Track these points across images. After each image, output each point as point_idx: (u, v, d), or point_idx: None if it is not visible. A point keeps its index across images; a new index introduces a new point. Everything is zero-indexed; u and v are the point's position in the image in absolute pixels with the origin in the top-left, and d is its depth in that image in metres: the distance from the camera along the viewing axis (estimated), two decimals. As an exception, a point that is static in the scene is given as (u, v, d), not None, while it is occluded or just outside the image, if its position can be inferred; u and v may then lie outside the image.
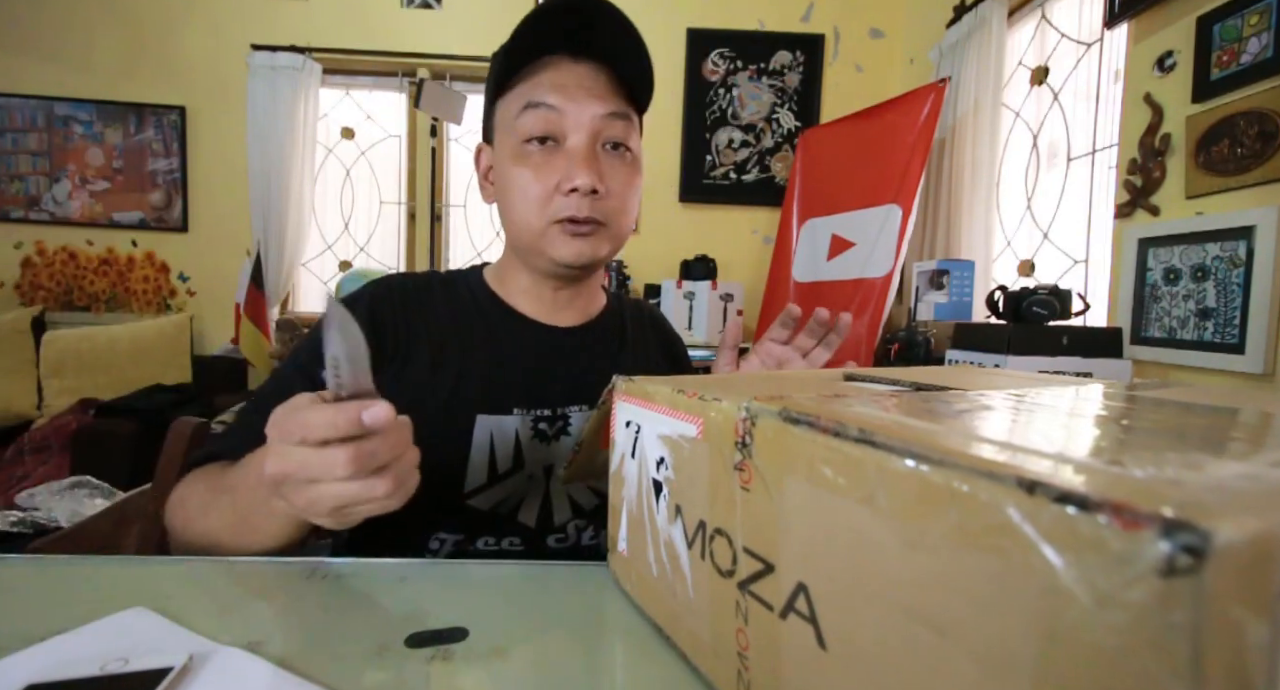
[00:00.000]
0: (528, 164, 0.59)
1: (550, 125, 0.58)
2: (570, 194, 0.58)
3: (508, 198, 0.61)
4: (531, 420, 0.62)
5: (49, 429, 2.24)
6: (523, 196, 0.59)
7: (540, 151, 0.59)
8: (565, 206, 0.58)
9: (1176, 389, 0.36)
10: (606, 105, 0.59)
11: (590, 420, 0.47)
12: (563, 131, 0.59)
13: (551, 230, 0.60)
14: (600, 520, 0.64)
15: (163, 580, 0.41)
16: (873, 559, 0.20)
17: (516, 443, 0.61)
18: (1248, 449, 0.21)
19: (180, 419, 0.79)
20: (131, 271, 2.87)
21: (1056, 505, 0.14)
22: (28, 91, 2.76)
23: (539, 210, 0.59)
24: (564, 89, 0.58)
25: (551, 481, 0.62)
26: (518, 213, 0.60)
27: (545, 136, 0.59)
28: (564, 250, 0.60)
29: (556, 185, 0.58)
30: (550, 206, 0.59)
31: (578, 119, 0.58)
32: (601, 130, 0.60)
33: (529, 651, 0.34)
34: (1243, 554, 0.12)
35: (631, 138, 0.62)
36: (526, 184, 0.59)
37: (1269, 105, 1.25)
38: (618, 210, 0.62)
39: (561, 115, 0.58)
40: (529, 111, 0.58)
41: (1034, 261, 2.05)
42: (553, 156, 0.59)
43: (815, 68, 2.86)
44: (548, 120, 0.58)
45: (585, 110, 0.59)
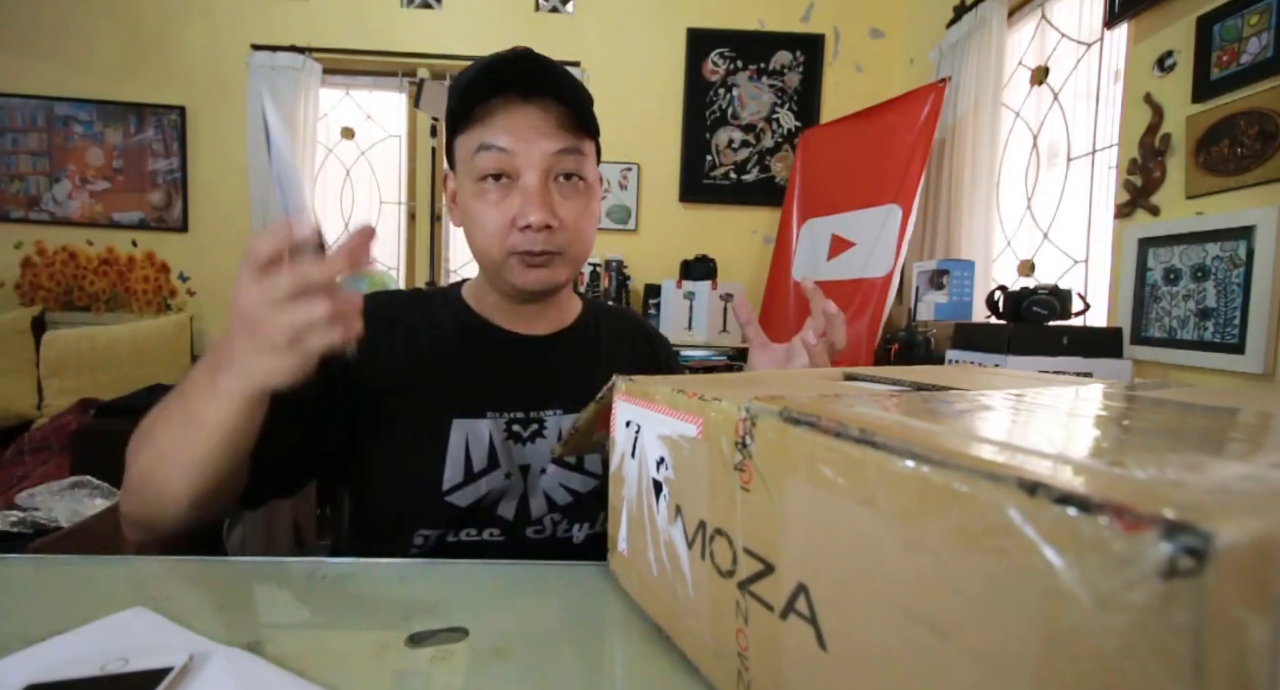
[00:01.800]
0: (485, 200, 0.63)
1: (503, 165, 0.62)
2: (524, 229, 0.62)
3: (469, 229, 0.66)
4: (505, 422, 0.66)
5: (49, 429, 2.24)
6: (482, 230, 0.63)
7: (496, 188, 0.63)
8: (521, 241, 0.62)
9: (1176, 389, 0.36)
10: (556, 142, 0.63)
11: (586, 410, 0.48)
12: (515, 169, 0.62)
13: (510, 261, 0.64)
14: (574, 515, 0.67)
15: (163, 580, 0.41)
16: (873, 560, 0.20)
17: (490, 444, 0.64)
18: (1248, 449, 0.21)
19: (180, 419, 0.79)
20: (131, 271, 2.87)
21: (1058, 507, 0.14)
22: (28, 91, 2.76)
23: (497, 243, 0.63)
24: (514, 130, 0.62)
25: (529, 479, 0.66)
26: (479, 244, 0.65)
27: (500, 174, 0.62)
28: (523, 279, 0.64)
29: (512, 220, 0.62)
30: (507, 240, 0.63)
31: (528, 158, 0.62)
32: (553, 166, 0.63)
33: (529, 651, 0.34)
34: (1244, 556, 0.12)
35: (584, 167, 0.66)
36: (485, 219, 0.63)
37: (1269, 105, 1.25)
38: (573, 239, 0.65)
39: (513, 156, 0.62)
40: (483, 153, 0.62)
41: (1034, 261, 2.05)
42: (508, 193, 0.63)
43: (815, 68, 2.86)
44: (500, 160, 0.62)
45: (535, 149, 0.62)
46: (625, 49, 2.80)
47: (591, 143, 0.68)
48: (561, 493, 0.67)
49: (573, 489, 0.67)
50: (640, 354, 0.81)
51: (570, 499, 0.67)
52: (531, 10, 2.83)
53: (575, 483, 0.67)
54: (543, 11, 2.84)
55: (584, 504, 0.68)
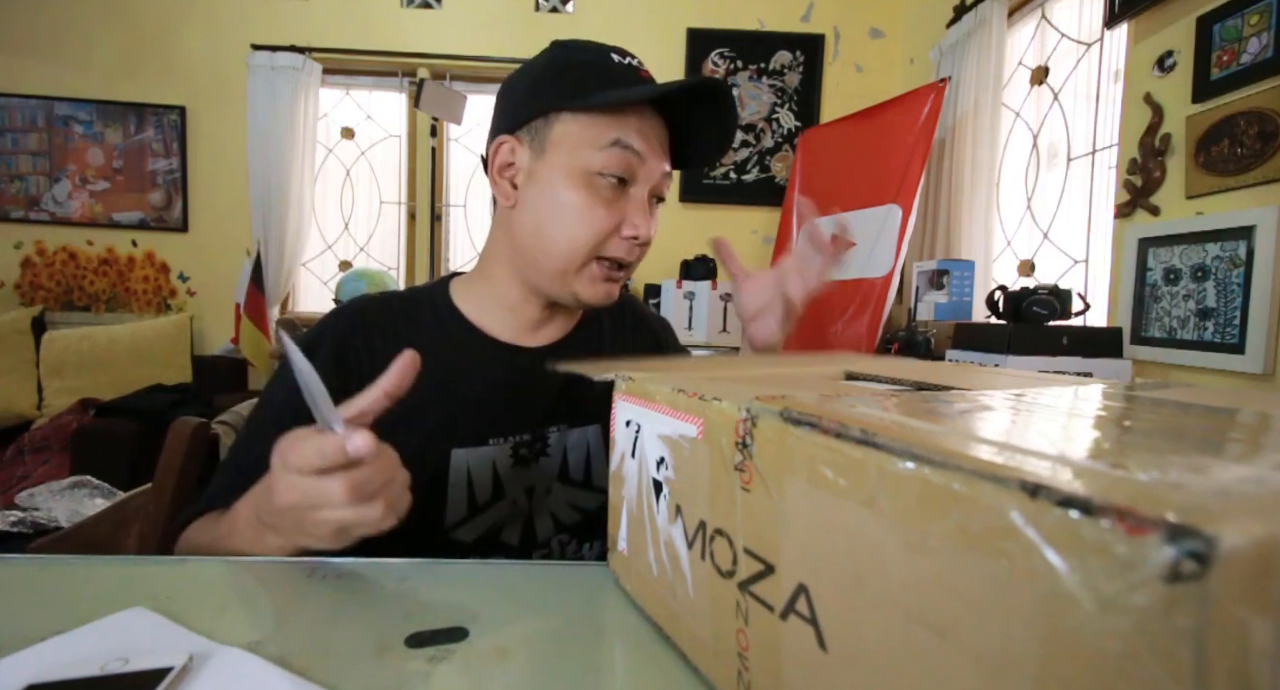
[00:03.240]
0: (596, 196, 0.59)
1: (629, 168, 0.59)
2: (627, 239, 0.60)
3: (558, 219, 0.59)
4: (510, 447, 0.62)
5: (49, 429, 2.24)
6: (581, 226, 0.59)
7: (611, 188, 0.59)
8: (618, 248, 0.60)
9: (1177, 389, 0.36)
10: (667, 163, 0.62)
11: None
12: (635, 177, 0.60)
13: (591, 267, 0.60)
14: (582, 534, 0.64)
15: (163, 580, 0.41)
16: (874, 561, 0.20)
17: (494, 473, 0.60)
18: (1249, 451, 0.21)
19: (180, 419, 0.79)
20: (131, 271, 2.87)
21: (1060, 509, 0.14)
22: (28, 91, 2.76)
23: (592, 245, 0.59)
24: (647, 138, 0.60)
25: (534, 502, 0.62)
26: (563, 238, 0.59)
27: (623, 177, 0.59)
28: (594, 291, 0.61)
29: (617, 226, 0.60)
30: (605, 244, 0.60)
31: (649, 171, 0.60)
32: (659, 185, 0.62)
33: (529, 651, 0.34)
34: (1247, 559, 0.12)
35: (667, 193, 0.65)
36: (592, 216, 0.58)
37: (1269, 105, 1.25)
38: (641, 258, 0.64)
39: (641, 162, 0.59)
40: (617, 149, 0.58)
41: (1034, 261, 2.05)
42: (619, 197, 0.60)
43: (815, 68, 2.86)
44: (630, 163, 0.59)
45: (657, 165, 0.61)
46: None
47: None
48: (569, 511, 0.64)
49: (581, 507, 0.64)
50: (645, 346, 0.77)
51: (579, 518, 0.64)
52: (531, 10, 2.83)
53: (583, 500, 0.64)
54: (543, 11, 2.84)
55: (594, 522, 0.64)
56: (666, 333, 0.82)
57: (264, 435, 0.57)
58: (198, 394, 2.46)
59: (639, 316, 0.80)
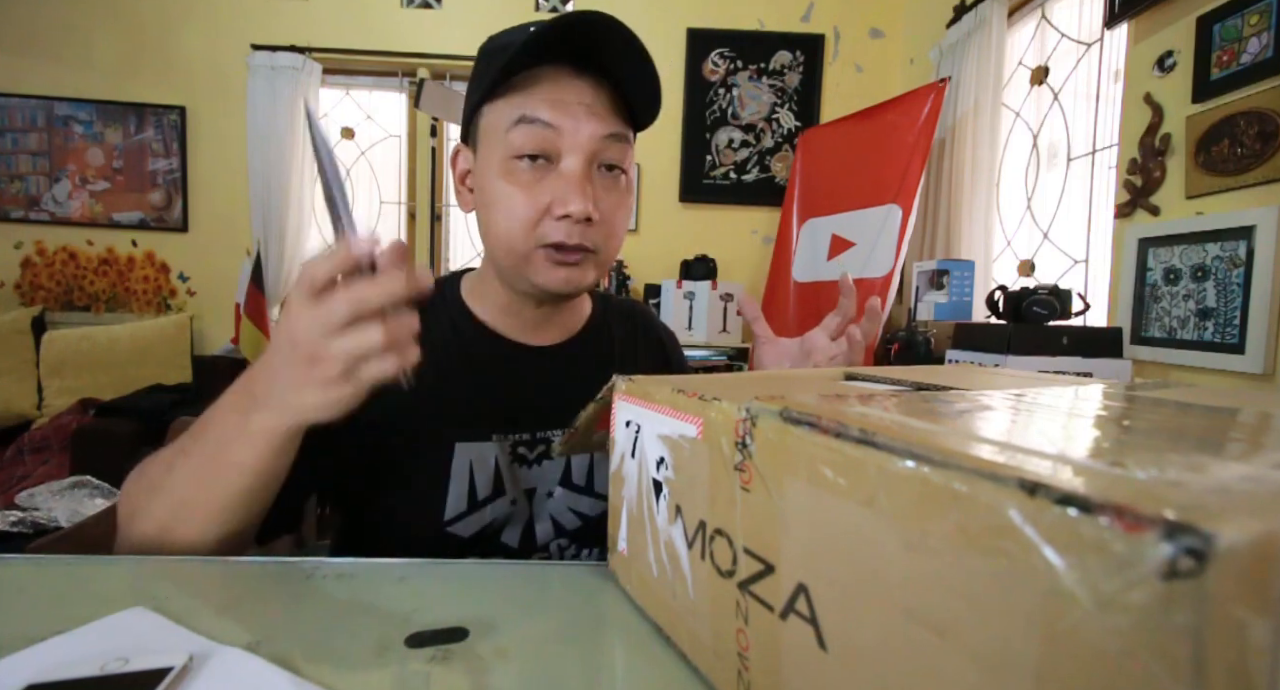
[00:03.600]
0: (516, 182, 0.55)
1: (544, 143, 0.55)
2: (561, 219, 0.55)
3: (490, 214, 0.57)
4: (510, 445, 0.61)
5: (49, 429, 2.24)
6: (508, 216, 0.56)
7: (531, 169, 0.55)
8: (554, 231, 0.55)
9: (1176, 389, 0.36)
10: (606, 125, 0.56)
11: (586, 410, 0.47)
12: (557, 151, 0.55)
13: (537, 255, 0.56)
14: (583, 540, 0.64)
15: (163, 580, 0.41)
16: (873, 560, 0.20)
17: (496, 469, 0.60)
18: (1249, 450, 0.21)
19: (180, 419, 0.79)
20: (131, 271, 2.87)
21: (1058, 507, 0.14)
22: (28, 91, 2.76)
23: (525, 233, 0.56)
24: (562, 105, 0.55)
25: (534, 503, 0.62)
26: (501, 232, 0.57)
27: (537, 154, 0.55)
28: (548, 277, 0.57)
29: (547, 207, 0.55)
30: (538, 230, 0.56)
31: (574, 139, 0.55)
32: (599, 152, 0.56)
33: (529, 651, 0.34)
34: (1245, 556, 0.12)
35: (627, 159, 0.59)
36: (513, 204, 0.55)
37: (1269, 105, 1.25)
38: (608, 236, 0.59)
39: (558, 134, 0.55)
40: (522, 127, 0.54)
41: (1034, 261, 2.05)
42: (544, 176, 0.56)
43: (815, 68, 2.86)
44: (542, 138, 0.55)
45: (584, 130, 0.55)
46: (625, 49, 2.79)
47: (632, 134, 0.61)
48: (570, 517, 0.63)
49: (581, 513, 0.63)
50: (654, 358, 0.76)
51: (579, 523, 0.63)
52: (531, 10, 2.83)
53: (584, 506, 0.63)
54: (543, 11, 2.84)
55: (594, 528, 0.63)
56: (674, 346, 0.81)
57: None
58: (198, 394, 2.46)
59: (648, 324, 0.79)
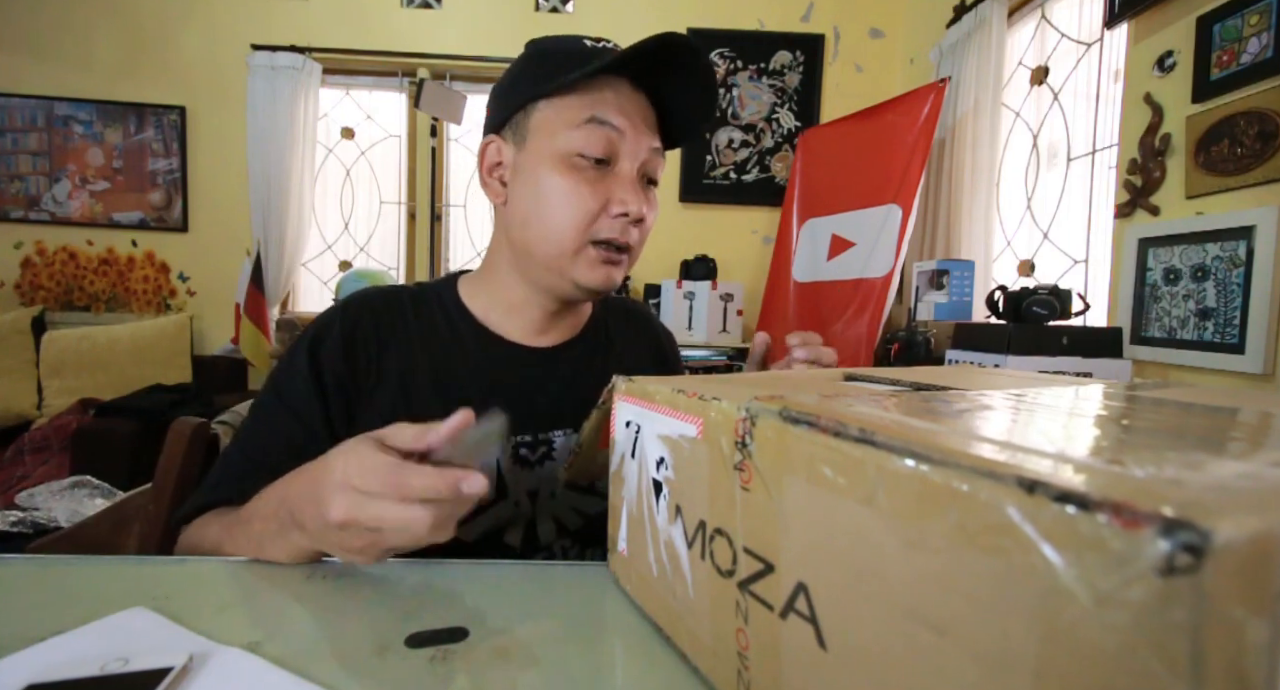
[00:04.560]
0: (579, 178, 0.57)
1: (612, 147, 0.58)
2: (618, 217, 0.58)
3: (543, 207, 0.58)
4: (512, 447, 0.61)
5: (49, 429, 2.24)
6: (566, 209, 0.57)
7: (594, 169, 0.58)
8: (609, 228, 0.58)
9: (1176, 389, 0.36)
10: (653, 138, 0.60)
11: (590, 420, 0.47)
12: (618, 155, 0.58)
13: (587, 251, 0.59)
14: (585, 540, 0.64)
15: (163, 580, 0.41)
16: (873, 559, 0.20)
17: (498, 473, 0.60)
18: (1247, 449, 0.21)
19: (180, 419, 0.79)
20: (131, 271, 2.87)
21: (1057, 505, 0.14)
22: (28, 91, 2.77)
23: (581, 228, 0.58)
24: (628, 115, 0.58)
25: (537, 505, 0.62)
26: (552, 224, 0.58)
27: (604, 157, 0.58)
28: (593, 275, 0.59)
29: (604, 206, 0.58)
30: (594, 226, 0.58)
31: (634, 146, 0.58)
32: (647, 162, 0.60)
33: (529, 651, 0.34)
34: (1242, 553, 0.12)
35: (660, 172, 0.63)
36: (577, 199, 0.57)
37: (1269, 105, 1.25)
38: (643, 239, 0.62)
39: (622, 139, 0.58)
40: (592, 126, 0.57)
41: (1034, 261, 2.05)
42: (604, 177, 0.58)
43: (815, 68, 2.86)
44: (609, 140, 0.57)
45: (642, 140, 0.59)
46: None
47: None
48: (573, 516, 0.63)
49: (584, 511, 0.63)
50: (652, 357, 0.77)
51: (581, 522, 0.63)
52: (531, 10, 2.83)
53: (587, 504, 0.63)
54: (543, 11, 2.84)
55: (596, 527, 0.63)
56: (671, 345, 0.82)
57: (275, 423, 0.57)
58: (198, 394, 2.46)
59: (647, 324, 0.80)
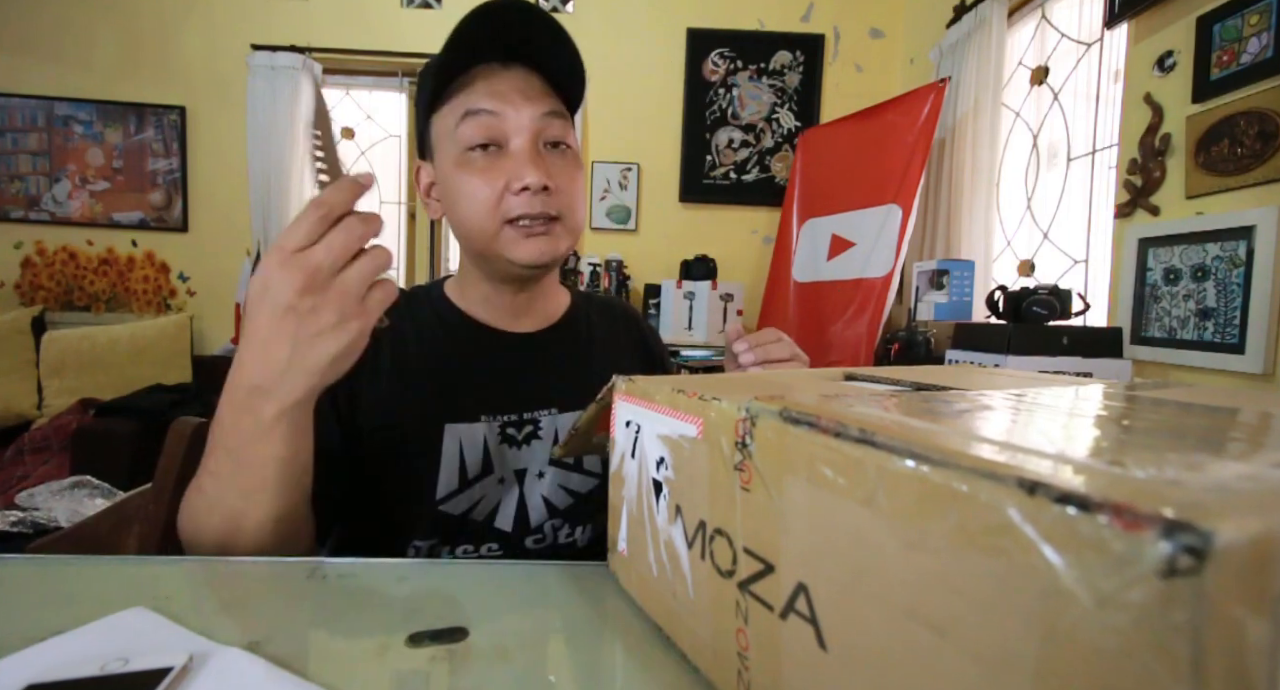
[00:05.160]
0: (473, 170, 0.60)
1: (491, 131, 0.59)
2: (521, 192, 0.59)
3: (457, 207, 0.62)
4: (499, 426, 0.63)
5: (49, 429, 2.24)
6: (471, 201, 0.60)
7: (484, 156, 0.60)
8: (517, 205, 0.59)
9: (1176, 389, 0.36)
10: (543, 105, 0.61)
11: (588, 412, 0.47)
12: (504, 135, 0.60)
13: (506, 232, 0.60)
14: (575, 518, 0.66)
15: (163, 580, 0.41)
16: (873, 559, 0.20)
17: (485, 449, 0.62)
18: (1248, 449, 0.21)
19: (180, 419, 0.79)
20: (131, 271, 2.87)
21: (1057, 506, 0.14)
22: (28, 91, 2.76)
23: (490, 213, 0.60)
24: (500, 95, 0.59)
25: (525, 484, 0.64)
26: (469, 219, 0.61)
27: (487, 143, 0.59)
28: (522, 251, 0.60)
29: (505, 186, 0.59)
30: (501, 207, 0.59)
31: (517, 122, 0.59)
32: (541, 130, 0.61)
33: (529, 651, 0.34)
34: (1244, 555, 0.12)
35: (569, 135, 0.64)
36: (474, 189, 0.59)
37: (1269, 105, 1.25)
38: (569, 205, 0.62)
39: (501, 119, 0.59)
40: (468, 119, 0.59)
41: (1034, 261, 2.05)
42: (497, 160, 0.60)
43: (815, 68, 2.86)
44: (488, 126, 0.59)
45: (524, 112, 0.60)
46: (625, 49, 2.80)
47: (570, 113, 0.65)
48: (561, 494, 0.66)
49: (572, 490, 0.66)
50: (637, 354, 0.79)
51: (570, 501, 0.66)
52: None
53: (575, 483, 0.66)
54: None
55: (584, 505, 0.66)
56: (658, 343, 0.84)
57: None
58: (198, 394, 2.46)
59: (631, 322, 0.82)
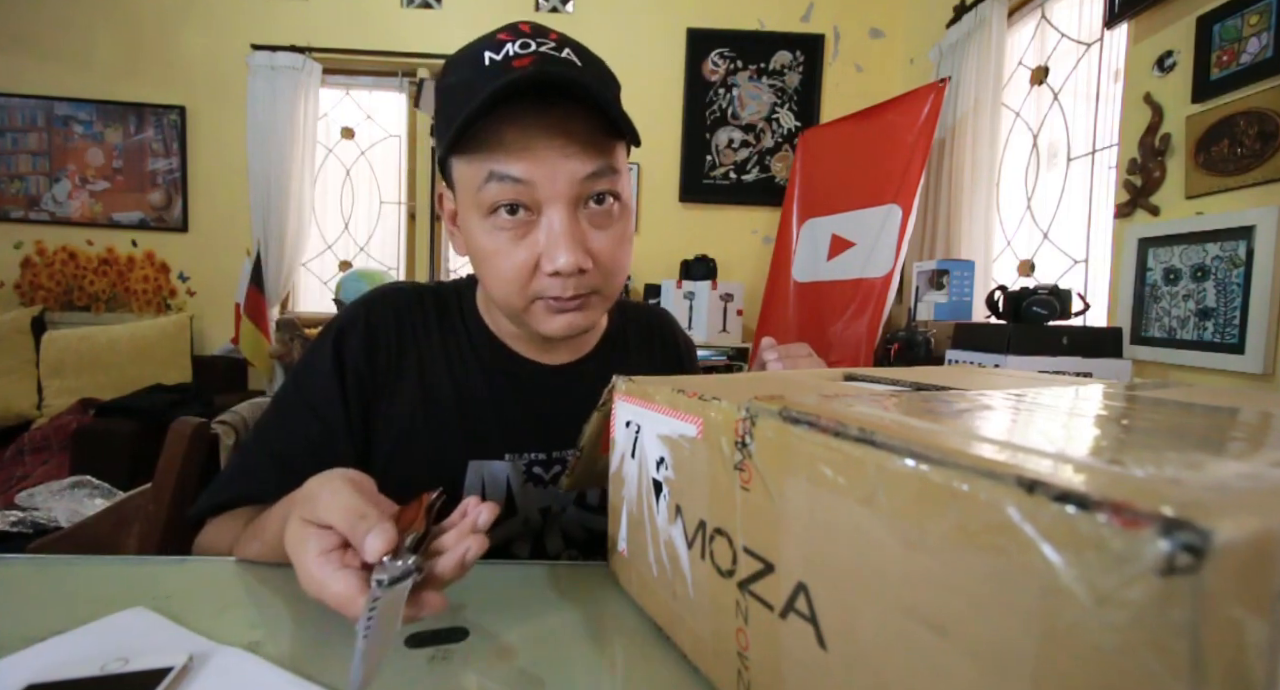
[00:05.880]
0: (498, 240, 0.52)
1: (520, 196, 0.50)
2: (554, 276, 0.51)
3: (481, 269, 0.55)
4: (524, 464, 0.60)
5: (49, 429, 2.24)
6: (496, 274, 0.53)
7: (512, 224, 0.51)
8: (549, 287, 0.52)
9: (1176, 389, 0.36)
10: (586, 163, 0.50)
11: (590, 422, 0.47)
12: (537, 202, 0.51)
13: (535, 307, 0.54)
14: (590, 553, 0.64)
15: (163, 580, 0.41)
16: (873, 558, 0.20)
17: (508, 489, 0.59)
18: (1247, 449, 0.21)
19: (180, 419, 0.79)
20: (131, 271, 2.87)
21: (1056, 504, 0.14)
22: (28, 91, 2.76)
23: (518, 290, 0.53)
24: (532, 154, 0.49)
25: (547, 522, 0.61)
26: (495, 285, 0.54)
27: (516, 205, 0.51)
28: (549, 325, 0.54)
29: (536, 263, 0.51)
30: (531, 286, 0.52)
31: (553, 189, 0.50)
32: (582, 193, 0.52)
33: (529, 651, 0.34)
34: (1242, 553, 0.12)
35: (619, 184, 0.54)
36: (500, 263, 0.52)
37: (1269, 105, 1.25)
38: (608, 275, 0.55)
39: (532, 187, 0.50)
40: (493, 184, 0.50)
41: (1034, 261, 2.05)
42: (528, 229, 0.51)
43: (815, 68, 2.86)
44: (517, 192, 0.50)
45: (560, 177, 0.50)
46: (625, 49, 2.80)
47: (623, 146, 0.55)
48: (580, 531, 0.63)
49: (591, 529, 0.63)
50: (670, 361, 0.74)
51: (587, 536, 0.63)
52: (531, 10, 2.83)
53: (596, 523, 0.63)
54: (543, 11, 2.84)
55: (603, 543, 0.62)
56: (691, 356, 0.78)
57: (294, 420, 0.57)
58: (198, 394, 2.46)
59: (668, 335, 0.76)
